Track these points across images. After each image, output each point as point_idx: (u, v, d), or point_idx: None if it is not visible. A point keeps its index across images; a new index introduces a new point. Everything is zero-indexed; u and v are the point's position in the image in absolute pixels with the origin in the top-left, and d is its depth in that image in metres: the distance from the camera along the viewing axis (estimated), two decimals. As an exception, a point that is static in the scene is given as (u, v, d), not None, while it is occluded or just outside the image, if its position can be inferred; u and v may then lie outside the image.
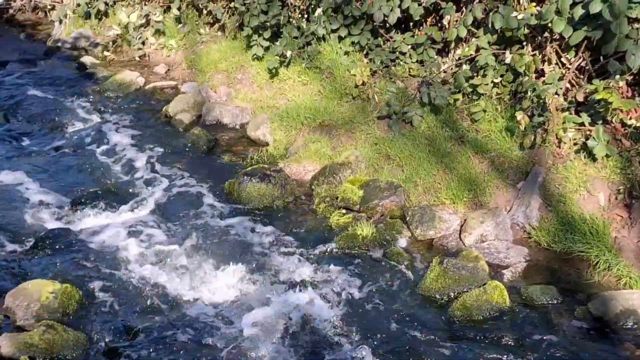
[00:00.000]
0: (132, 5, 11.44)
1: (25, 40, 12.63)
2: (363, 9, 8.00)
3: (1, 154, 8.25)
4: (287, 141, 8.29)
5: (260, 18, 8.80)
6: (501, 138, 6.96)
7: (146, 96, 9.85)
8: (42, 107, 9.52)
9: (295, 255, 6.42)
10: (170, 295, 5.90)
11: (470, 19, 7.22)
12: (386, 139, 7.59)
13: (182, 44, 10.72)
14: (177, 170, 7.94)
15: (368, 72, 8.10)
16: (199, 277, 6.14)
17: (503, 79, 7.07)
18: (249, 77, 9.32)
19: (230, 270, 6.20)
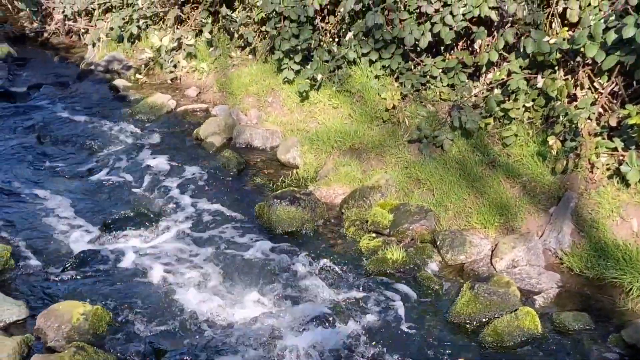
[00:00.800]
0: (164, 29, 11.55)
1: (59, 63, 12.79)
2: (394, 33, 8.01)
3: (34, 175, 8.34)
4: (317, 164, 8.30)
5: (292, 42, 8.83)
6: (533, 163, 6.91)
7: (177, 119, 9.92)
8: (75, 129, 9.63)
9: (325, 279, 6.40)
10: (199, 318, 5.90)
11: (501, 43, 7.20)
12: (417, 162, 7.57)
13: (213, 67, 10.79)
14: (207, 193, 7.97)
15: (398, 96, 8.10)
16: (228, 300, 6.14)
17: (535, 104, 7.04)
18: (280, 100, 9.36)
19: (260, 294, 6.20)
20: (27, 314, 5.77)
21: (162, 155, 8.81)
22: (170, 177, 8.31)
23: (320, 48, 8.91)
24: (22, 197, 7.84)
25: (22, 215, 7.47)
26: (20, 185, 8.08)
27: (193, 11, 11.18)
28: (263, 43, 9.89)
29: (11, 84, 11.52)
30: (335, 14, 9.07)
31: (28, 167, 8.54)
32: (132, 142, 9.24)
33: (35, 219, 7.42)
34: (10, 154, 8.85)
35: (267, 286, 6.29)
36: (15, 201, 7.76)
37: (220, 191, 8.02)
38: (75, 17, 13.10)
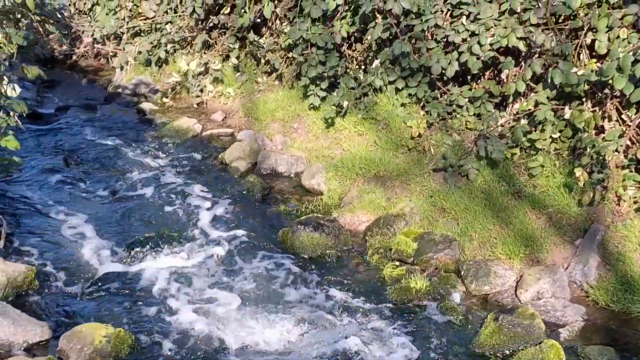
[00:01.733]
0: (192, 53, 11.63)
1: (86, 85, 12.90)
2: (421, 62, 8.02)
3: (60, 196, 8.38)
4: (342, 191, 8.29)
5: (318, 68, 8.87)
6: (559, 194, 6.88)
7: (203, 143, 9.96)
8: (101, 151, 9.69)
9: (348, 307, 6.38)
10: (220, 342, 5.89)
11: (529, 73, 7.20)
12: (441, 191, 7.55)
13: (239, 92, 10.85)
14: (231, 217, 7.98)
15: (424, 124, 8.10)
16: (250, 325, 6.13)
17: (562, 135, 7.02)
18: (305, 126, 9.39)
19: (282, 320, 6.18)
20: (50, 335, 5.78)
21: (187, 179, 8.85)
22: (194, 201, 8.33)
23: (347, 75, 8.94)
24: (47, 218, 7.89)
25: (47, 236, 7.51)
26: (46, 206, 8.12)
27: (221, 36, 11.26)
28: (290, 69, 9.94)
29: (40, 105, 11.62)
30: (362, 41, 9.11)
31: (54, 188, 8.60)
32: (157, 165, 9.28)
33: (60, 239, 7.46)
34: (37, 175, 8.91)
35: (289, 312, 6.27)
36: (41, 222, 7.80)
37: (244, 216, 8.03)
38: (104, 40, 13.23)
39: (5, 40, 6.37)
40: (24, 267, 6.42)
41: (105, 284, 6.64)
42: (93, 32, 13.10)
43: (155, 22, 12.46)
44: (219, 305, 6.39)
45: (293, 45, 9.44)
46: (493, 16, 7.60)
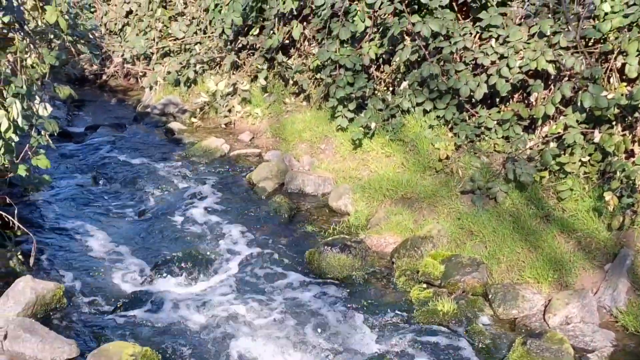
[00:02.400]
0: (220, 74, 11.73)
1: (116, 105, 13.05)
2: (449, 84, 8.03)
3: (88, 215, 8.45)
4: (369, 212, 8.29)
5: (346, 90, 8.90)
6: (588, 218, 6.82)
7: (230, 163, 10.01)
8: (129, 170, 9.77)
9: (375, 329, 6.36)
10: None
11: (558, 96, 7.17)
12: (469, 214, 7.53)
13: (267, 113, 10.90)
14: (258, 238, 8.00)
15: (452, 146, 8.09)
16: (277, 347, 6.12)
17: (591, 158, 6.97)
18: (333, 147, 9.40)
19: (308, 341, 6.17)
20: (78, 353, 5.80)
21: (214, 199, 8.88)
22: (221, 220, 8.36)
23: (375, 96, 8.97)
24: (75, 236, 7.95)
25: (75, 254, 7.58)
26: (75, 225, 8.20)
27: (249, 57, 11.34)
28: (317, 90, 9.98)
29: (70, 124, 11.77)
30: (390, 63, 9.13)
31: (83, 206, 8.67)
32: (185, 184, 9.33)
33: (88, 258, 7.52)
34: (66, 193, 9.00)
35: (315, 334, 6.26)
36: (69, 240, 7.87)
37: (271, 236, 8.04)
38: (134, 60, 13.38)
39: (38, 60, 6.44)
40: (53, 285, 6.46)
41: (132, 302, 6.67)
42: (123, 53, 13.26)
43: (185, 43, 12.62)
44: (246, 326, 6.39)
45: (321, 67, 9.50)
46: (522, 39, 7.60)
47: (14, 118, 5.77)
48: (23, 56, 6.24)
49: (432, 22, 8.08)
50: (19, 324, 5.73)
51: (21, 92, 5.98)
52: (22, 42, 6.24)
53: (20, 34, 6.30)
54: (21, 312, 6.00)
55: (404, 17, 8.38)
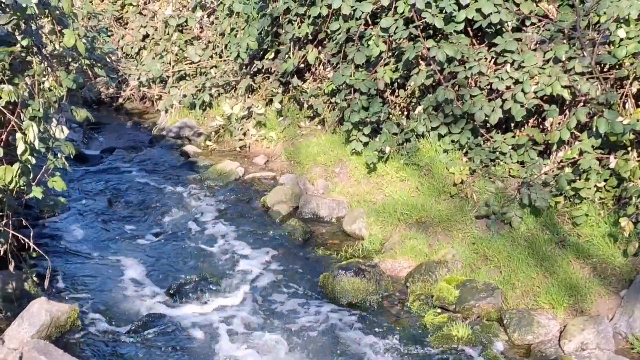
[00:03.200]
0: (235, 97, 11.77)
1: (132, 128, 13.11)
2: (464, 109, 8.04)
3: (104, 237, 8.48)
4: (383, 236, 8.28)
5: (361, 114, 8.92)
6: (604, 244, 6.80)
7: (245, 186, 10.02)
8: (145, 193, 9.80)
9: (389, 354, 6.34)
10: (261, 387, 5.90)
11: (574, 122, 7.18)
12: (484, 238, 7.51)
13: (282, 136, 10.93)
14: (272, 261, 8.00)
15: (467, 171, 8.09)
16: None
17: (607, 184, 6.95)
18: (347, 171, 9.41)
19: (322, 365, 6.17)
20: (92, 375, 5.82)
21: (229, 222, 8.90)
22: (236, 244, 8.37)
23: (390, 121, 8.98)
24: (90, 259, 7.98)
25: (90, 276, 7.59)
26: (90, 247, 8.23)
27: (264, 81, 11.38)
28: (332, 114, 10.00)
29: (86, 146, 11.84)
30: (405, 87, 9.15)
31: (98, 228, 8.70)
32: (200, 207, 9.35)
33: (103, 280, 7.53)
34: (82, 215, 9.04)
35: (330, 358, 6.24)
36: (84, 262, 7.90)
37: (285, 260, 8.05)
38: (149, 83, 13.44)
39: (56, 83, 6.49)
40: (68, 307, 6.47)
41: (147, 325, 6.67)
42: (139, 76, 13.33)
43: (201, 67, 12.69)
44: (259, 349, 6.39)
45: (336, 91, 9.52)
46: (537, 64, 7.62)
47: (31, 141, 5.81)
48: (41, 79, 6.29)
49: (447, 47, 8.10)
50: (34, 346, 5.73)
51: (38, 115, 6.02)
52: (40, 66, 6.30)
53: (39, 58, 6.36)
54: (36, 334, 6.01)
55: (419, 41, 8.42)
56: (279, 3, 10.49)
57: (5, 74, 5.94)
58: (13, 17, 5.84)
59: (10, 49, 5.97)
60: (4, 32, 6.17)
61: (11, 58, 6.03)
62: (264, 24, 10.99)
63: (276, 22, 10.95)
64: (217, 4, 13.14)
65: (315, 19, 9.94)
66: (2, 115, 5.97)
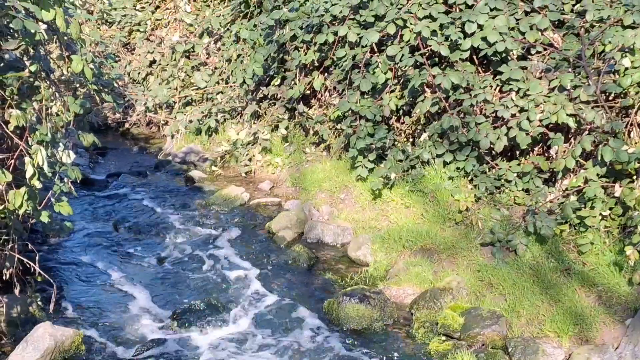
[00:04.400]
0: (241, 123, 11.82)
1: (138, 153, 13.16)
2: (469, 136, 8.06)
3: (109, 262, 8.49)
4: (388, 263, 8.27)
5: (366, 140, 8.94)
6: (609, 272, 6.79)
7: (250, 211, 10.03)
8: (150, 218, 9.82)
9: (393, 381, 6.33)
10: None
11: (579, 150, 7.19)
12: (489, 266, 7.50)
13: (287, 162, 10.96)
14: (277, 287, 8.00)
15: (472, 198, 8.10)
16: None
17: (612, 212, 6.95)
18: (352, 197, 9.42)
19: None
20: (96, 400, 5.81)
21: (234, 247, 8.90)
22: (240, 269, 8.37)
23: (395, 147, 9.01)
24: (95, 283, 7.99)
25: (95, 301, 7.60)
26: (95, 271, 8.24)
27: (270, 107, 11.42)
28: (338, 140, 10.03)
29: (92, 171, 11.88)
30: (410, 114, 9.18)
31: (103, 253, 8.72)
32: (205, 232, 9.36)
33: (108, 304, 7.53)
34: (87, 239, 9.05)
35: (334, 385, 6.24)
36: (89, 286, 7.90)
37: (290, 285, 8.04)
38: (156, 109, 13.51)
39: (63, 108, 6.53)
40: (72, 332, 6.48)
41: (151, 350, 6.67)
42: (146, 101, 13.39)
43: (207, 92, 12.76)
44: (263, 376, 6.39)
45: (342, 117, 9.56)
46: (543, 92, 7.65)
47: (39, 165, 5.84)
48: (48, 104, 6.33)
49: (453, 74, 8.14)
50: (38, 371, 5.75)
51: (46, 139, 6.05)
52: (48, 91, 6.34)
53: (47, 83, 6.40)
54: (40, 358, 6.02)
55: (425, 69, 8.46)
56: (286, 30, 10.56)
57: (14, 98, 5.98)
58: (22, 42, 5.88)
59: (18, 74, 6.02)
60: (12, 58, 6.21)
61: (19, 83, 6.08)
62: (270, 51, 11.06)
63: (282, 49, 11.02)
64: (224, 30, 13.23)
65: (321, 46, 9.99)
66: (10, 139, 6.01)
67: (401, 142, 9.24)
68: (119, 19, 14.96)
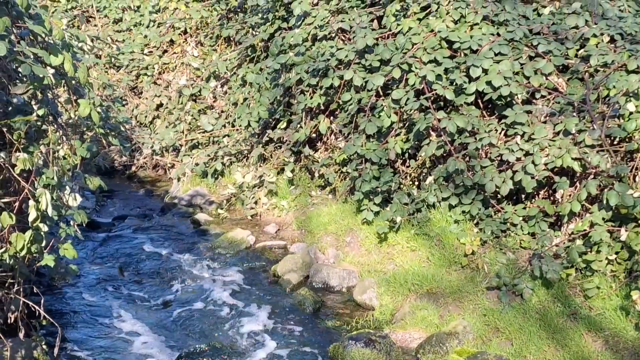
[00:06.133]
0: (247, 166, 11.86)
1: (144, 195, 13.19)
2: (475, 179, 8.07)
3: (114, 305, 8.47)
4: (394, 307, 8.23)
5: (372, 184, 8.96)
6: (616, 317, 6.75)
7: (256, 255, 10.02)
8: (155, 261, 9.82)
9: None
10: None
11: (584, 194, 7.19)
12: (495, 310, 7.46)
13: (293, 205, 10.96)
14: (282, 330, 7.96)
15: (478, 242, 8.08)
16: None
17: (618, 256, 6.94)
18: (358, 240, 9.41)
19: None
20: None
21: (240, 291, 8.88)
22: (246, 313, 8.34)
23: (400, 191, 9.02)
24: (101, 327, 7.96)
25: (100, 345, 7.57)
26: (100, 315, 8.21)
27: (276, 150, 11.47)
28: (344, 183, 10.05)
29: (98, 214, 11.90)
30: (416, 158, 9.21)
31: (109, 296, 8.70)
32: (210, 276, 9.34)
33: (113, 348, 7.50)
34: (93, 283, 9.05)
35: None
36: (94, 330, 7.88)
37: (295, 329, 8.00)
38: (162, 152, 13.57)
39: (70, 152, 6.57)
40: (76, 376, 6.47)
41: (155, 395, 6.64)
42: (152, 144, 13.46)
43: (213, 135, 12.82)
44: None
45: (348, 160, 9.59)
46: (548, 136, 7.68)
47: (44, 209, 5.86)
48: (55, 148, 6.37)
49: (458, 118, 8.18)
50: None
51: (52, 182, 6.08)
52: (55, 134, 6.39)
53: (54, 126, 6.45)
54: (43, 403, 5.99)
55: (430, 113, 8.51)
56: (292, 74, 10.63)
57: (21, 142, 6.03)
58: (30, 87, 5.94)
59: (26, 118, 6.07)
60: (21, 102, 6.26)
61: (27, 127, 6.12)
62: (276, 94, 11.14)
63: (288, 93, 11.10)
64: (231, 74, 13.35)
65: (327, 89, 10.06)
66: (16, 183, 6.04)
67: (407, 185, 9.26)
68: (126, 63, 15.10)
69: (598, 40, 8.27)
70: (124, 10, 16.52)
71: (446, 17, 8.81)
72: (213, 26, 14.61)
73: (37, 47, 5.65)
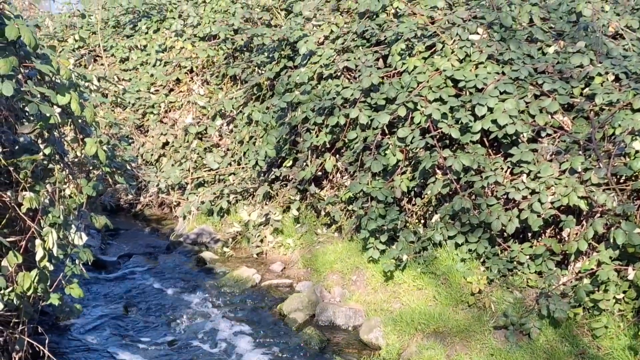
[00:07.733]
0: (253, 204, 11.87)
1: (149, 233, 13.19)
2: (481, 218, 8.05)
3: (119, 345, 8.42)
4: (400, 346, 8.18)
5: (378, 222, 8.95)
6: (624, 357, 6.69)
7: (262, 293, 9.99)
8: (161, 300, 9.78)
9: None
10: None
11: (591, 232, 7.17)
12: (502, 350, 7.41)
13: (299, 243, 10.95)
14: (288, 371, 7.92)
15: (485, 280, 8.05)
16: None
17: (626, 296, 6.89)
18: (364, 279, 9.38)
19: None
20: None
21: (245, 330, 8.83)
22: (252, 352, 8.29)
23: (406, 229, 9.00)
24: (105, 366, 7.94)
25: (103, 385, 7.54)
26: (105, 354, 8.16)
27: (282, 188, 11.49)
28: (349, 222, 10.04)
29: (103, 253, 11.89)
30: (422, 196, 9.20)
31: (114, 335, 8.66)
32: (215, 315, 9.30)
33: (116, 389, 7.47)
34: (97, 322, 9.00)
35: None
36: (98, 369, 7.85)
37: (301, 369, 7.96)
38: (168, 190, 13.59)
39: (77, 190, 6.59)
40: (80, 417, 6.42)
41: None
42: (158, 182, 13.49)
43: (219, 174, 12.85)
44: None
45: (353, 198, 9.59)
46: (554, 175, 7.67)
47: (50, 247, 5.86)
48: (62, 186, 6.39)
49: (464, 156, 8.19)
50: None
51: (58, 221, 6.09)
52: (61, 173, 6.40)
53: (60, 165, 6.47)
54: None
55: (436, 151, 8.52)
56: (298, 112, 10.68)
57: (27, 181, 6.04)
58: (37, 126, 5.96)
59: (33, 157, 6.09)
60: (27, 141, 6.29)
61: (34, 166, 6.14)
62: (282, 133, 11.17)
63: (294, 131, 11.14)
64: (237, 112, 13.41)
65: (333, 128, 10.09)
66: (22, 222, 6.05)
67: (413, 223, 9.24)
68: (133, 102, 15.19)
69: (603, 79, 8.29)
70: (130, 49, 16.66)
71: (451, 56, 8.86)
72: (219, 65, 14.71)
73: (44, 87, 5.68)
